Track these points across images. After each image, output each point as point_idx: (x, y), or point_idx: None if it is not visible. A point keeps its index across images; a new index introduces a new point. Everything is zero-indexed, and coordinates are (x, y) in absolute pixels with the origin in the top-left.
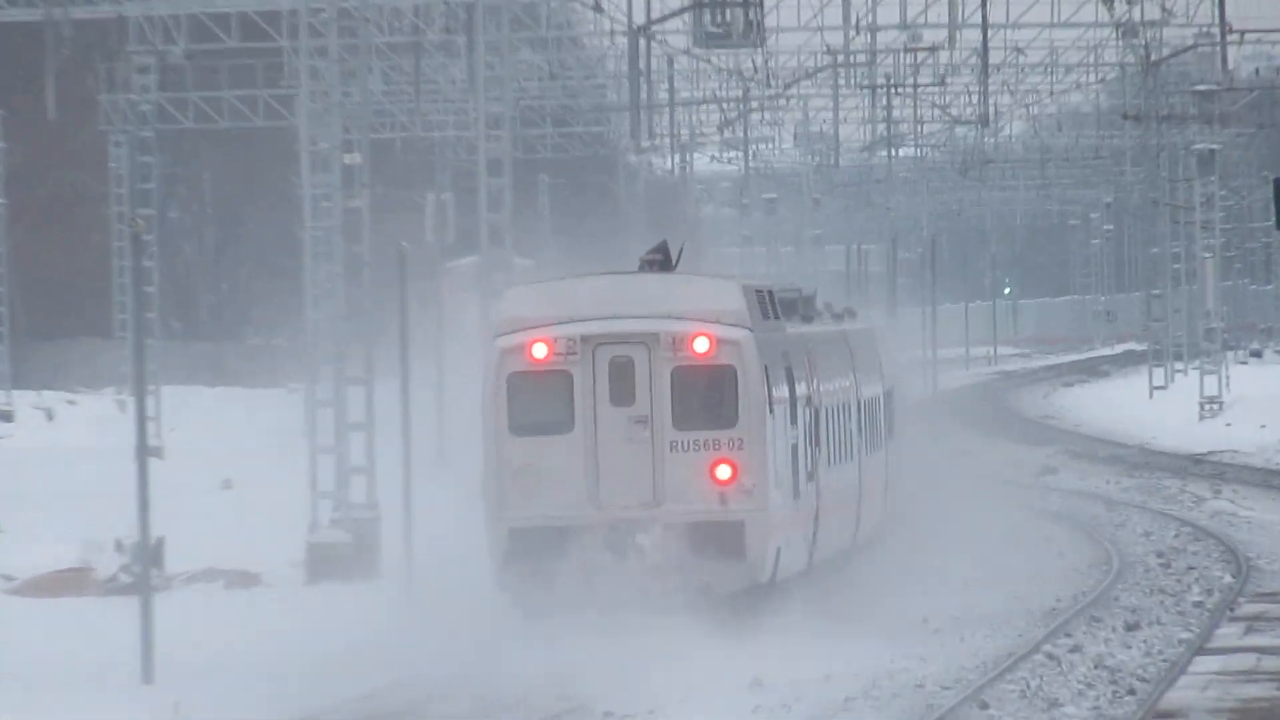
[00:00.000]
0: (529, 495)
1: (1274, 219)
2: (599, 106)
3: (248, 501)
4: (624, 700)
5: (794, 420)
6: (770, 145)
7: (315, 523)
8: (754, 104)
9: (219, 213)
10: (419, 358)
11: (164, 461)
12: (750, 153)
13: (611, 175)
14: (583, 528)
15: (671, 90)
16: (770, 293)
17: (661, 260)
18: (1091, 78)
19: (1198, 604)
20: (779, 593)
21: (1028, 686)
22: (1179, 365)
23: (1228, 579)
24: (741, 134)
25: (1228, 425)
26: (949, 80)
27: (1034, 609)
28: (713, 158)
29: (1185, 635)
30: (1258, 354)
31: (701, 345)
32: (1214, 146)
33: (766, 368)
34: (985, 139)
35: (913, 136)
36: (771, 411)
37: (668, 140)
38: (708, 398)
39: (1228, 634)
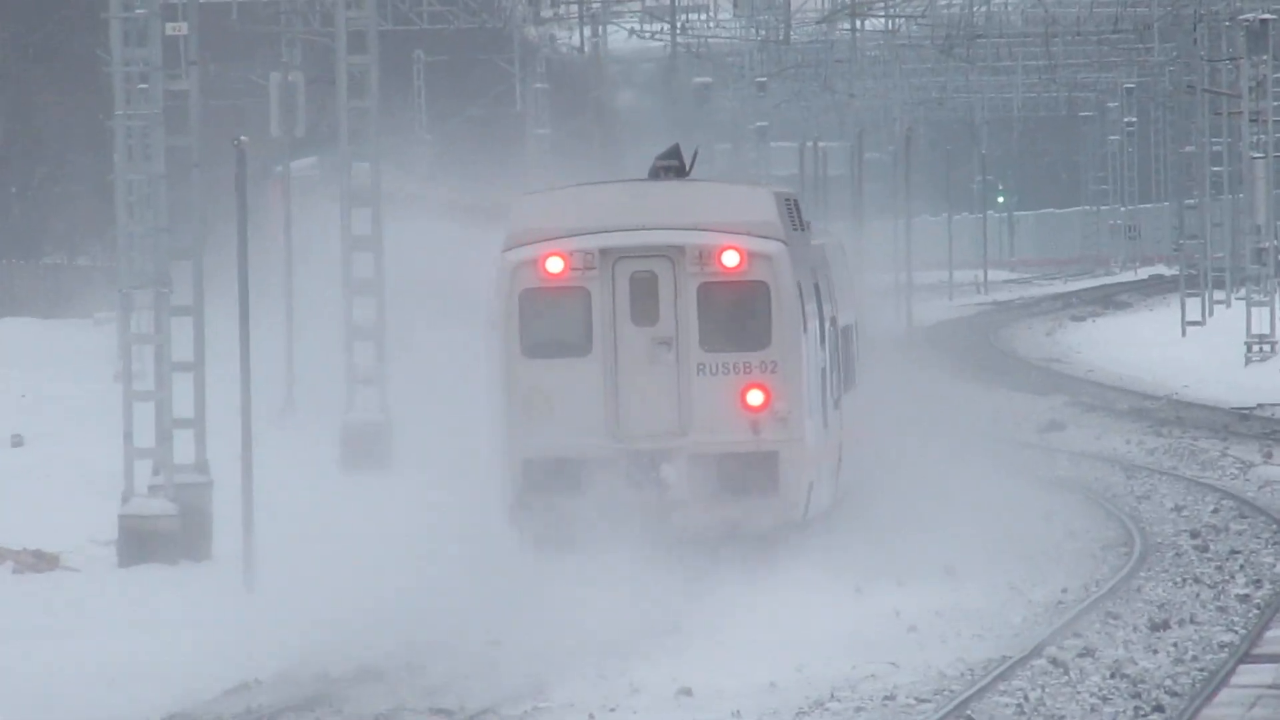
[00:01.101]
0: (543, 424)
1: None
2: None
3: (44, 462)
4: (517, 716)
5: (823, 341)
6: (704, 16)
7: (131, 490)
8: None
9: (6, 97)
10: (262, 283)
11: None
12: (679, 25)
13: (505, 53)
14: (602, 459)
15: None
16: (796, 200)
17: (676, 166)
18: None
19: (1243, 598)
20: (810, 534)
21: (1026, 699)
22: (1219, 295)
23: None
24: (668, 1)
25: None
26: None
27: (1035, 601)
28: (632, 31)
29: (1227, 637)
30: None
31: (731, 259)
32: (1267, 16)
33: (800, 283)
34: (974, 8)
35: (883, 4)
36: (805, 331)
37: (575, 8)
38: (738, 316)
39: None
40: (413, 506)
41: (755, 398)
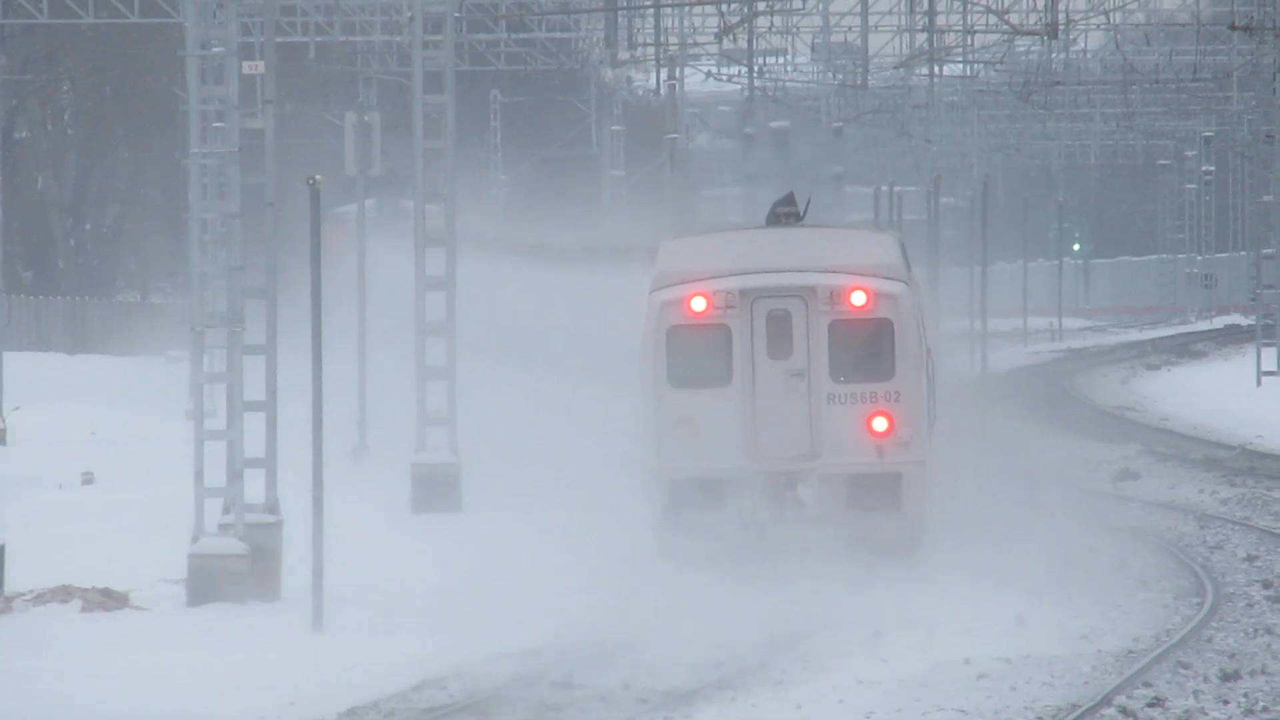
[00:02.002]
0: (688, 448)
1: None
2: (565, 6)
3: (114, 500)
4: None
5: (927, 374)
6: (782, 59)
7: (200, 529)
8: (761, 5)
9: (82, 134)
10: (335, 322)
11: (6, 448)
12: (756, 68)
13: (581, 94)
14: (741, 479)
15: None
16: (904, 244)
17: (793, 212)
18: None
19: None
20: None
21: None
22: None
23: None
24: (745, 44)
25: None
26: None
27: (1105, 650)
28: (709, 74)
29: None
30: None
31: (859, 298)
32: None
33: (916, 320)
34: (1053, 54)
35: (961, 50)
36: (922, 364)
37: (652, 50)
38: (865, 350)
39: None
40: (483, 548)
41: (880, 424)
